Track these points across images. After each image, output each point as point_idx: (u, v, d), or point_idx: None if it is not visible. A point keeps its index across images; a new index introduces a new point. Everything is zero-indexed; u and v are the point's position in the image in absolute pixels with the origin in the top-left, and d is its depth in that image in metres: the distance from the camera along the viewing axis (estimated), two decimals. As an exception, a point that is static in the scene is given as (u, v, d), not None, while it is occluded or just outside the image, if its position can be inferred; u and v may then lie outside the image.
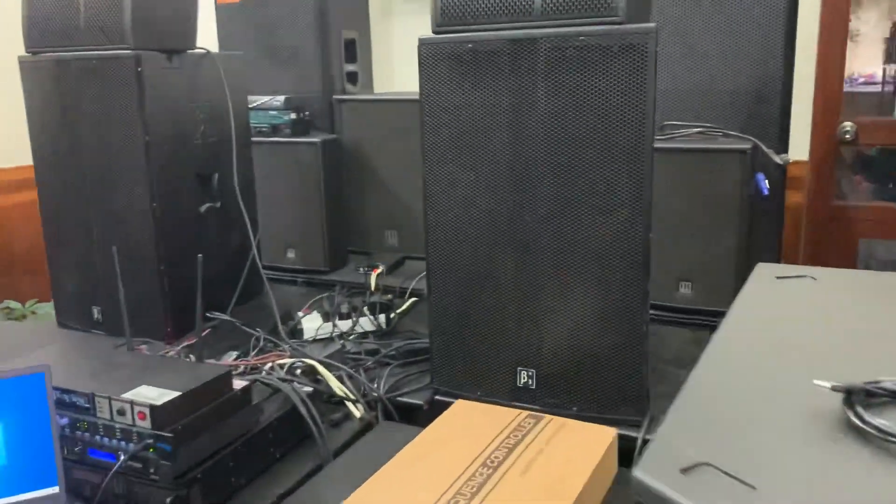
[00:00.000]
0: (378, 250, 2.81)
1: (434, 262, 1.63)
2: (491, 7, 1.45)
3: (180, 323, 2.02)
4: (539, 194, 1.49)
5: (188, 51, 2.05)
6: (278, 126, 2.59)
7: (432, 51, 1.52)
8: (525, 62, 1.44)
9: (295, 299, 2.40)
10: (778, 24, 2.15)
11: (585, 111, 1.41)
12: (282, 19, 2.80)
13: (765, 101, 2.20)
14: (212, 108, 2.14)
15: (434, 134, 1.56)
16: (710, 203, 2.03)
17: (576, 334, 1.51)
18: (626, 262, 1.45)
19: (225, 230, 2.22)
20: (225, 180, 2.20)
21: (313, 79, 2.81)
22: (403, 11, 3.35)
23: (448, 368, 1.66)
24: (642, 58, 1.35)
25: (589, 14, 1.38)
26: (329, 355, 1.74)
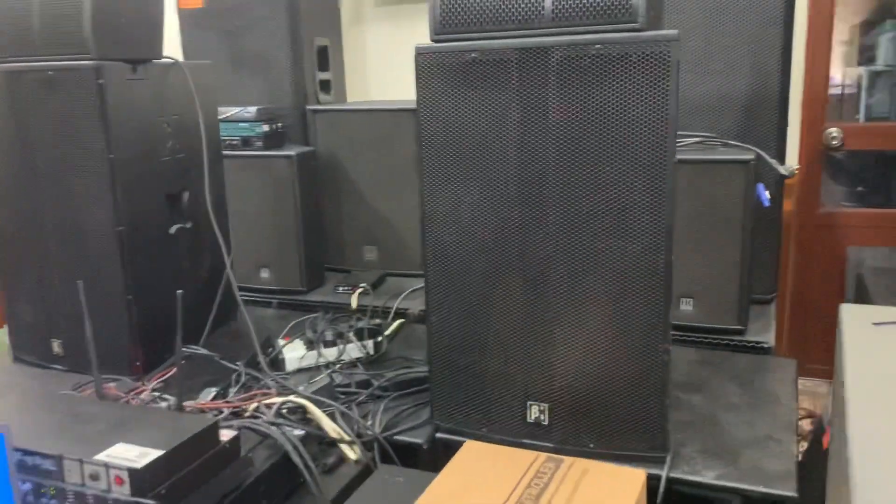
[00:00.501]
0: (357, 267, 2.68)
1: (434, 286, 1.50)
2: (496, 12, 1.33)
3: (150, 355, 1.86)
4: (550, 215, 1.37)
5: (154, 60, 1.89)
6: (250, 139, 2.44)
7: (431, 60, 1.39)
8: (535, 72, 1.32)
9: (271, 323, 2.25)
10: (775, 32, 2.08)
11: (601, 125, 1.30)
12: (250, 25, 2.65)
13: (762, 110, 2.12)
14: (180, 121, 1.98)
15: (433, 150, 1.44)
16: (711, 216, 1.95)
17: (591, 365, 1.40)
18: (646, 286, 1.34)
19: (196, 252, 2.06)
20: (195, 198, 2.04)
21: (285, 88, 2.67)
22: (376, 17, 3.22)
23: (449, 403, 1.53)
24: (664, 67, 1.25)
25: (605, 20, 1.27)
26: (318, 391, 1.60)
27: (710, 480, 1.35)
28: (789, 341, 2.94)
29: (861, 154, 2.91)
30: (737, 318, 1.97)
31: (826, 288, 2.89)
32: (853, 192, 3.02)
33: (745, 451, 1.44)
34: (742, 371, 1.80)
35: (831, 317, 2.88)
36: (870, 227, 2.83)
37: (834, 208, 2.89)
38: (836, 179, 2.97)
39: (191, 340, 2.00)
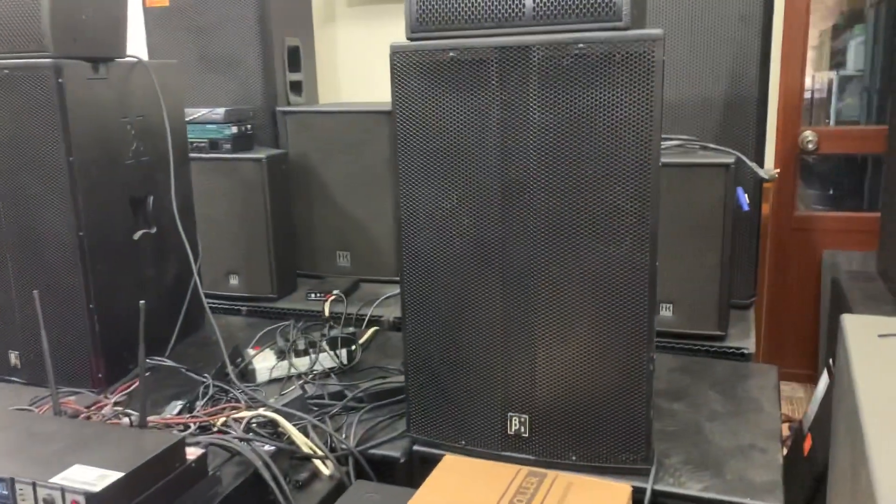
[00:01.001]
0: (329, 273, 2.61)
1: (410, 293, 1.44)
2: (475, 10, 1.28)
3: (113, 367, 1.79)
4: (531, 219, 1.32)
5: (117, 59, 1.81)
6: (218, 141, 2.36)
7: (407, 59, 1.34)
8: (515, 72, 1.28)
9: (241, 331, 2.18)
10: (754, 36, 2.06)
11: (584, 127, 1.26)
12: (218, 24, 2.58)
13: (741, 113, 2.10)
14: (145, 122, 1.91)
15: (410, 153, 1.38)
16: (691, 220, 1.92)
17: (573, 374, 1.36)
18: (630, 293, 1.30)
19: (162, 258, 1.99)
20: (161, 203, 1.97)
21: (254, 89, 2.60)
22: (347, 16, 3.16)
23: (427, 415, 1.47)
24: (648, 67, 1.21)
25: (588, 18, 1.23)
26: (289, 403, 1.54)
27: (696, 493, 1.31)
28: (766, 345, 2.94)
29: (832, 157, 2.92)
30: (717, 323, 1.94)
31: (802, 292, 2.89)
32: (825, 195, 3.02)
33: (730, 461, 1.41)
34: (723, 378, 1.78)
35: (808, 321, 2.89)
36: (844, 231, 2.83)
37: (809, 212, 2.89)
38: (808, 183, 2.97)
39: (156, 351, 1.93)
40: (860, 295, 2.32)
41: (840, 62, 2.96)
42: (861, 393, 0.79)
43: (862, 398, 0.78)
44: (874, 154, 2.88)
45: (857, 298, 2.29)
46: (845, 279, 2.51)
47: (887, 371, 0.87)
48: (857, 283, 2.45)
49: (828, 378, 1.96)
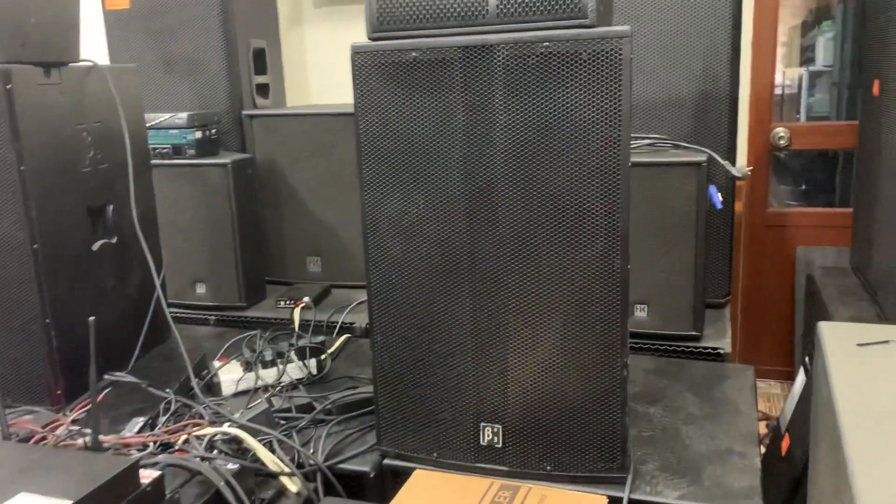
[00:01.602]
0: (300, 279, 2.56)
1: (378, 301, 1.40)
2: (438, 9, 1.24)
3: (72, 383, 1.72)
4: (499, 223, 1.28)
5: (71, 63, 1.75)
6: (181, 147, 2.30)
7: (368, 60, 1.29)
8: (480, 72, 1.24)
9: (208, 342, 2.12)
10: (724, 33, 2.04)
11: (551, 127, 1.22)
12: (181, 27, 2.51)
13: (712, 111, 2.08)
14: (102, 129, 1.84)
15: (373, 156, 1.34)
16: (664, 219, 1.89)
17: (546, 382, 1.32)
18: (602, 297, 1.27)
19: (123, 269, 1.92)
20: (121, 211, 1.91)
21: (219, 93, 2.54)
22: (315, 17, 3.10)
23: (397, 427, 1.43)
24: (616, 65, 1.18)
25: (553, 16, 1.19)
26: (254, 417, 1.49)
27: (673, 501, 1.28)
28: (741, 342, 2.93)
29: (803, 153, 2.92)
30: (692, 323, 1.92)
31: (777, 289, 2.88)
32: (797, 191, 3.02)
33: (708, 466, 1.38)
34: (699, 379, 1.75)
35: (783, 317, 2.88)
36: (817, 227, 2.83)
37: (782, 208, 2.89)
38: (780, 179, 2.97)
39: (119, 365, 1.87)
40: (835, 291, 2.31)
41: (809, 58, 2.96)
42: (842, 411, 0.76)
43: (843, 418, 0.75)
44: (845, 149, 2.88)
45: (831, 294, 2.28)
46: (819, 275, 2.50)
47: (868, 385, 0.84)
48: (832, 278, 2.45)
49: (804, 377, 1.95)
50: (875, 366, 0.88)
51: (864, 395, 0.81)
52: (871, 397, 0.80)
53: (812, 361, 1.91)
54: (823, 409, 0.86)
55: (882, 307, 2.02)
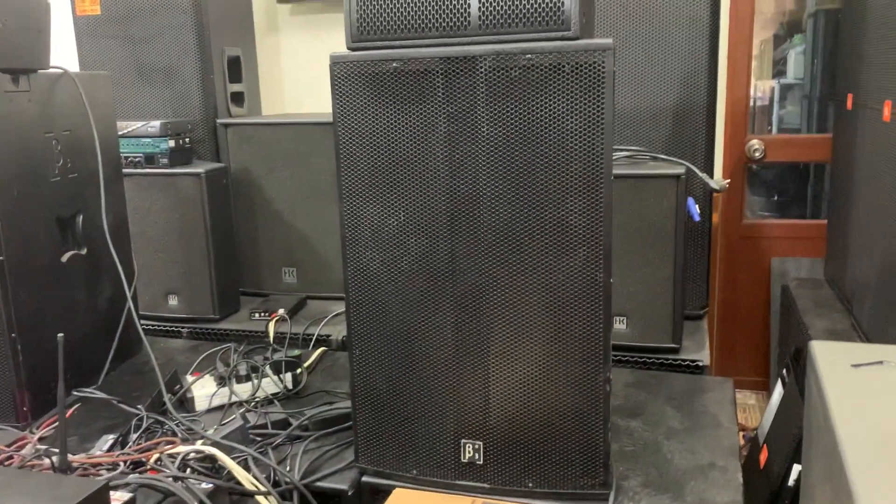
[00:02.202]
0: (275, 291, 2.52)
1: (357, 315, 1.37)
2: (419, 19, 1.22)
3: (40, 400, 1.67)
4: (481, 235, 1.27)
5: (40, 70, 1.70)
6: (154, 155, 2.25)
7: (348, 70, 1.27)
8: (462, 83, 1.22)
9: (181, 355, 2.08)
10: (701, 45, 2.05)
11: (534, 139, 1.21)
12: (154, 34, 2.47)
13: (690, 123, 2.09)
14: (72, 137, 1.80)
15: (352, 168, 1.31)
16: (643, 231, 1.89)
17: (528, 398, 1.30)
18: (584, 310, 1.25)
19: (93, 281, 1.87)
20: (91, 222, 1.86)
21: (193, 101, 2.50)
22: (291, 25, 3.07)
23: (376, 443, 1.40)
24: (599, 77, 1.17)
25: (536, 28, 1.18)
26: (229, 434, 1.45)
27: (656, 517, 1.27)
28: (718, 353, 2.94)
29: (775, 165, 2.95)
30: (671, 335, 1.92)
31: (752, 299, 2.89)
32: (769, 201, 3.05)
33: (690, 481, 1.37)
34: (679, 393, 1.74)
35: (759, 328, 2.89)
36: (791, 238, 2.85)
37: (757, 220, 2.91)
38: (752, 190, 2.99)
39: (88, 380, 1.82)
40: (810, 302, 2.33)
41: (781, 70, 2.99)
42: (842, 437, 0.75)
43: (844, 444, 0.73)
44: (817, 162, 2.91)
45: (806, 306, 2.30)
46: (794, 286, 2.52)
47: (866, 409, 0.83)
48: (806, 290, 2.47)
49: (782, 389, 1.95)
50: (871, 388, 0.87)
51: (864, 419, 0.80)
52: (870, 422, 0.79)
53: (790, 373, 1.91)
54: (819, 432, 0.85)
55: (857, 318, 2.04)
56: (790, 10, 2.93)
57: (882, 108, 1.83)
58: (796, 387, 1.82)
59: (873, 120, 1.92)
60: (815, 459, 0.95)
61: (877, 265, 1.85)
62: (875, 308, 1.87)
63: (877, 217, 1.87)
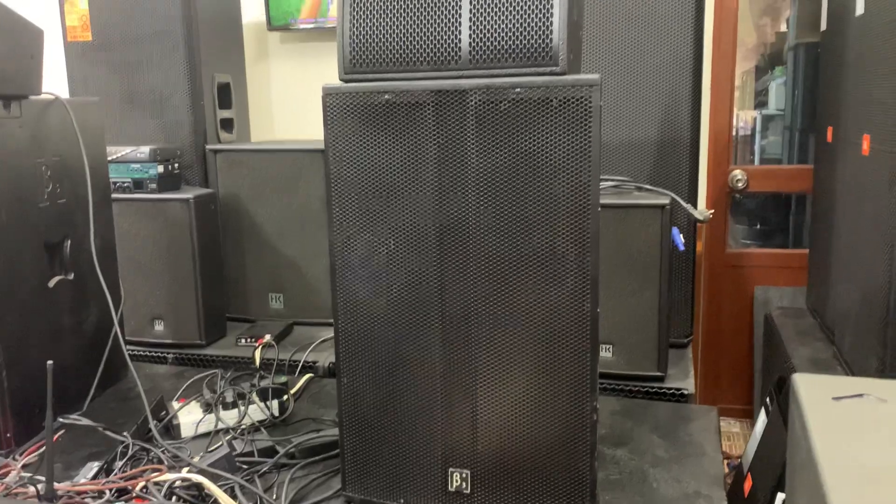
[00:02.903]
0: (262, 317, 2.52)
1: (345, 342, 1.38)
2: (411, 53, 1.25)
3: (24, 426, 1.66)
4: (470, 265, 1.28)
5: (32, 97, 1.71)
6: (143, 181, 2.26)
7: (340, 102, 1.29)
8: (452, 116, 1.24)
9: (166, 381, 2.07)
10: (685, 78, 2.09)
11: (522, 170, 1.23)
12: (145, 60, 2.49)
13: (674, 154, 2.13)
14: (62, 162, 1.80)
15: (343, 196, 1.33)
16: (628, 260, 1.92)
17: (515, 426, 1.31)
18: (572, 340, 1.27)
19: (80, 306, 1.87)
20: (79, 246, 1.86)
21: (183, 127, 2.51)
22: (281, 53, 3.11)
23: (363, 471, 1.40)
24: (585, 112, 1.19)
25: (525, 63, 1.21)
26: (215, 462, 1.45)
27: (642, 546, 1.28)
28: (702, 381, 2.96)
29: (757, 195, 3.00)
30: (656, 364, 1.93)
31: (736, 327, 2.92)
32: (752, 230, 3.10)
33: (675, 510, 1.38)
34: (664, 421, 1.76)
35: (742, 356, 2.92)
36: (775, 267, 2.89)
37: (740, 249, 2.95)
38: (735, 219, 3.04)
39: (73, 407, 1.80)
40: (792, 331, 2.36)
41: (762, 101, 3.06)
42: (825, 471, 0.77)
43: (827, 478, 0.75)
44: (798, 192, 2.97)
45: (789, 335, 2.33)
46: (777, 315, 2.56)
47: (848, 442, 0.85)
48: (789, 319, 2.50)
49: (766, 417, 1.97)
50: (852, 420, 0.89)
51: (846, 452, 0.82)
52: (852, 454, 0.81)
53: (773, 402, 1.93)
54: (803, 465, 0.87)
55: (839, 347, 2.07)
56: (771, 43, 3.00)
57: (861, 141, 1.87)
58: (780, 415, 1.84)
59: (852, 153, 1.97)
60: (797, 489, 0.97)
61: (857, 296, 1.88)
62: (856, 338, 1.90)
63: (857, 248, 1.91)
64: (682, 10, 2.07)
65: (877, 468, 0.79)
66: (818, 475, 0.78)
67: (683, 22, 2.07)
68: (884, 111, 1.70)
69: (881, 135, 1.72)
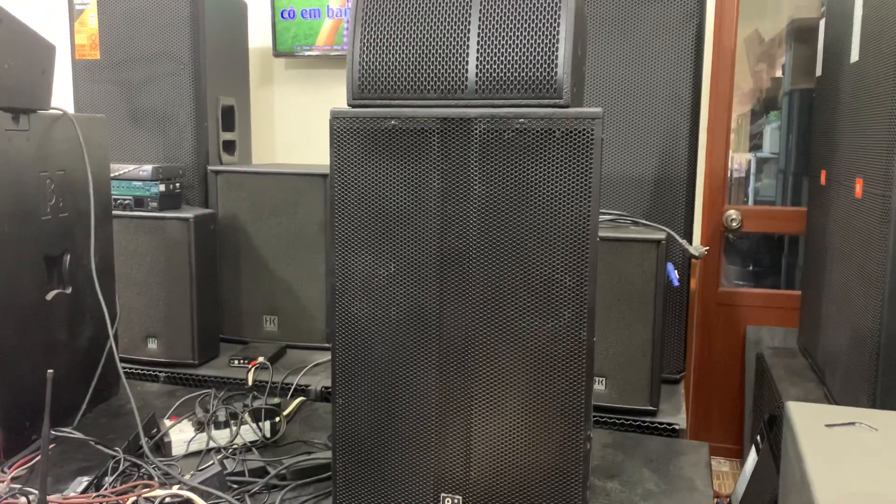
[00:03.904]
0: (255, 339, 2.52)
1: (342, 363, 1.39)
2: (419, 81, 1.28)
3: (14, 438, 1.65)
4: (469, 290, 1.30)
5: (40, 111, 1.74)
6: (143, 199, 2.28)
7: (348, 126, 1.32)
8: (457, 143, 1.27)
9: (157, 399, 2.06)
10: (683, 117, 2.13)
11: (524, 199, 1.26)
12: (151, 81, 2.52)
13: (670, 191, 2.16)
14: (66, 177, 1.82)
15: (346, 218, 1.35)
16: (623, 294, 1.93)
17: (509, 453, 1.31)
18: (568, 369, 1.28)
19: (76, 320, 1.87)
20: (79, 261, 1.87)
21: (185, 147, 2.54)
22: (285, 79, 3.15)
23: (355, 493, 1.40)
24: (587, 144, 1.22)
25: (530, 95, 1.24)
26: (206, 480, 1.44)
27: (632, 578, 1.27)
28: (692, 419, 2.96)
29: (750, 236, 3.04)
30: (648, 398, 1.94)
31: (727, 366, 2.94)
32: (745, 271, 3.13)
33: (665, 543, 1.38)
34: (656, 455, 1.76)
35: (733, 395, 2.93)
36: (766, 307, 2.91)
37: (733, 288, 2.97)
38: (728, 259, 3.07)
39: (64, 421, 1.80)
40: (783, 371, 2.37)
41: (757, 145, 3.11)
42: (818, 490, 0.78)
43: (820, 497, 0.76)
44: (791, 234, 3.01)
45: (780, 375, 2.34)
46: (769, 355, 2.57)
47: (841, 468, 0.86)
48: (780, 359, 2.52)
49: (755, 455, 1.98)
50: (845, 447, 0.90)
51: (839, 476, 0.83)
52: (845, 478, 0.82)
53: (764, 440, 1.94)
54: (795, 488, 0.88)
55: (829, 388, 2.08)
56: (766, 88, 3.06)
57: (854, 184, 1.91)
58: (770, 453, 1.85)
59: (845, 196, 2.00)
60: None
61: (847, 338, 1.90)
62: (846, 379, 1.92)
63: (848, 289, 1.94)
64: (681, 49, 2.12)
65: (868, 492, 0.80)
66: (811, 496, 0.79)
67: (682, 61, 2.12)
68: (876, 155, 1.74)
69: (874, 178, 1.76)
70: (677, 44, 2.12)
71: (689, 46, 2.12)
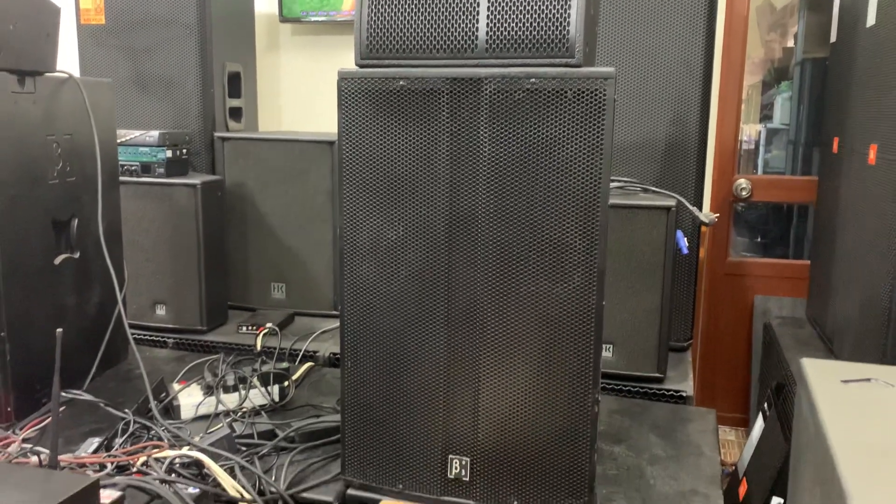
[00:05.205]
0: (263, 306, 2.53)
1: (351, 328, 1.38)
2: (427, 40, 1.26)
3: (25, 400, 1.66)
4: (478, 252, 1.29)
5: (46, 73, 1.72)
6: (150, 165, 2.27)
7: (355, 86, 1.30)
8: (467, 104, 1.25)
9: (166, 365, 2.07)
10: (694, 84, 2.10)
11: (534, 161, 1.24)
12: (157, 46, 2.50)
13: (681, 158, 2.14)
14: (73, 141, 1.81)
15: (354, 182, 1.34)
16: (632, 261, 1.92)
17: (517, 416, 1.32)
18: (576, 332, 1.27)
19: (84, 285, 1.87)
20: (86, 226, 1.87)
21: (192, 113, 2.52)
22: (291, 45, 3.12)
23: (363, 456, 1.41)
24: (600, 105, 1.20)
25: (541, 54, 1.22)
26: (215, 442, 1.45)
27: (639, 540, 1.28)
28: (699, 387, 2.96)
29: (759, 206, 3.01)
30: (656, 365, 1.94)
31: (734, 336, 2.93)
32: (752, 242, 3.11)
33: (672, 507, 1.38)
34: (663, 421, 1.76)
35: (740, 364, 2.93)
36: (774, 277, 2.90)
37: (741, 258, 2.96)
38: (736, 230, 3.05)
39: (74, 384, 1.81)
40: (791, 340, 2.36)
41: (767, 115, 3.07)
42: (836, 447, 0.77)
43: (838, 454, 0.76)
44: (800, 203, 2.98)
45: (788, 344, 2.33)
46: (777, 325, 2.56)
47: (858, 422, 0.85)
48: (788, 328, 2.51)
49: (763, 422, 1.98)
50: (861, 402, 0.89)
51: (855, 430, 0.82)
52: (861, 432, 0.82)
53: (771, 408, 1.94)
54: (809, 444, 0.88)
55: (837, 357, 2.07)
56: (778, 58, 3.02)
57: (868, 151, 1.88)
58: (777, 421, 1.85)
59: (858, 163, 1.98)
60: (802, 472, 0.98)
61: (857, 306, 1.89)
62: (855, 348, 1.91)
63: (859, 258, 1.92)
64: (694, 15, 2.08)
65: (885, 445, 0.79)
66: (827, 450, 0.78)
67: (695, 27, 2.09)
68: (893, 120, 1.71)
69: (889, 144, 1.73)
70: (690, 8, 2.09)
71: (701, 12, 2.08)
